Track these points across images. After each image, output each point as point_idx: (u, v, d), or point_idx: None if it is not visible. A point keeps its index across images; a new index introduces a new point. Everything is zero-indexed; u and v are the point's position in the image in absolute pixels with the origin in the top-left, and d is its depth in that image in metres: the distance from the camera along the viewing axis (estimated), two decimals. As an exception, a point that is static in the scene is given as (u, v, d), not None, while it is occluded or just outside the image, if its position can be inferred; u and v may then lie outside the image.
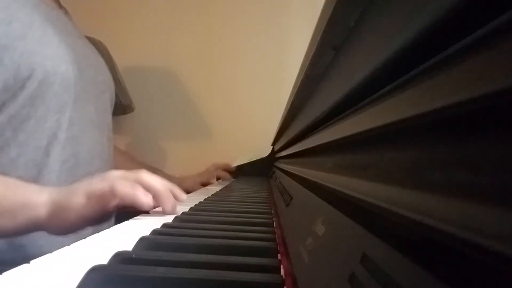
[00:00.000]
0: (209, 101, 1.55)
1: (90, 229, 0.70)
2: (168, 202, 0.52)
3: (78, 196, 0.49)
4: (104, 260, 0.27)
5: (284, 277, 0.25)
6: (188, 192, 1.15)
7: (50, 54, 0.65)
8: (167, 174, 1.21)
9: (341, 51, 0.27)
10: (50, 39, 0.66)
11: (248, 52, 1.52)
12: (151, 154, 1.47)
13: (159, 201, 0.51)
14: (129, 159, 1.12)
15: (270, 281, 0.24)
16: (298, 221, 0.34)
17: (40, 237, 0.63)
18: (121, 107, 1.38)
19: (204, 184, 1.19)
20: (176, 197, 0.54)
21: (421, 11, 0.13)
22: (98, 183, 0.49)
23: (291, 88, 0.59)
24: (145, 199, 0.49)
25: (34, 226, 0.50)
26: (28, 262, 0.28)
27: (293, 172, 0.61)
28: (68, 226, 0.50)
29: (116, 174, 0.51)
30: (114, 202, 0.48)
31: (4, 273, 0.25)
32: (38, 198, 0.50)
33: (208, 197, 0.73)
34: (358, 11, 0.21)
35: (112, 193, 0.48)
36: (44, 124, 0.65)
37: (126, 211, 0.53)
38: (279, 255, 0.31)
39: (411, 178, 0.13)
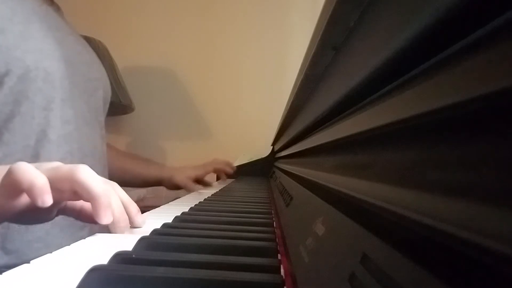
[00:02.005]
0: (209, 101, 1.55)
1: (87, 227, 0.70)
2: (104, 212, 0.37)
3: None
4: (104, 260, 0.27)
5: (284, 277, 0.25)
6: (178, 187, 1.05)
7: (31, 48, 0.63)
8: (160, 165, 1.17)
9: (341, 51, 0.27)
10: (32, 33, 0.64)
11: (248, 52, 1.52)
12: (151, 154, 1.47)
13: (93, 209, 0.37)
14: (124, 155, 1.08)
15: (270, 281, 0.24)
16: (298, 221, 0.34)
17: (37, 240, 0.63)
18: (121, 107, 1.38)
19: (199, 181, 1.07)
20: (129, 214, 0.42)
21: (421, 11, 0.13)
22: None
23: (291, 88, 0.59)
24: (43, 193, 0.34)
25: None
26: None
27: (293, 172, 0.61)
28: None
29: (45, 165, 0.39)
30: (15, 194, 0.36)
31: (4, 273, 0.25)
32: None
33: (208, 197, 0.73)
34: (358, 11, 0.21)
35: (9, 177, 0.35)
36: (32, 122, 0.63)
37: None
38: (279, 255, 0.31)
39: (411, 178, 0.13)
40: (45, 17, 0.70)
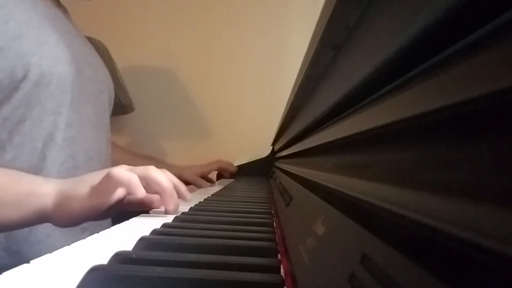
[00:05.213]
0: (209, 101, 1.55)
1: (88, 231, 0.70)
2: (172, 201, 0.50)
3: (83, 186, 0.49)
4: (104, 260, 0.27)
5: (284, 277, 0.25)
6: (186, 183, 1.10)
7: (46, 53, 0.63)
8: (168, 163, 1.18)
9: (341, 51, 0.27)
10: (47, 38, 0.65)
11: (248, 52, 1.52)
12: (151, 154, 1.47)
13: (163, 199, 0.50)
14: (129, 153, 1.09)
15: (270, 281, 0.23)
16: (298, 221, 0.34)
17: (38, 242, 0.63)
18: (121, 107, 1.38)
19: (204, 177, 1.16)
20: (180, 196, 0.53)
21: (421, 11, 0.13)
22: (101, 174, 0.49)
23: (291, 88, 0.59)
24: (139, 187, 0.47)
25: (40, 217, 0.49)
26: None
27: (293, 172, 0.61)
28: (73, 217, 0.49)
29: (122, 167, 0.50)
30: (114, 191, 0.47)
31: (4, 273, 0.25)
32: (44, 188, 0.49)
33: (208, 197, 0.73)
34: (358, 11, 0.21)
35: (110, 180, 0.47)
36: (40, 125, 0.64)
37: (128, 211, 0.51)
38: (279, 255, 0.31)
39: (411, 178, 0.13)
40: (56, 21, 0.70)
